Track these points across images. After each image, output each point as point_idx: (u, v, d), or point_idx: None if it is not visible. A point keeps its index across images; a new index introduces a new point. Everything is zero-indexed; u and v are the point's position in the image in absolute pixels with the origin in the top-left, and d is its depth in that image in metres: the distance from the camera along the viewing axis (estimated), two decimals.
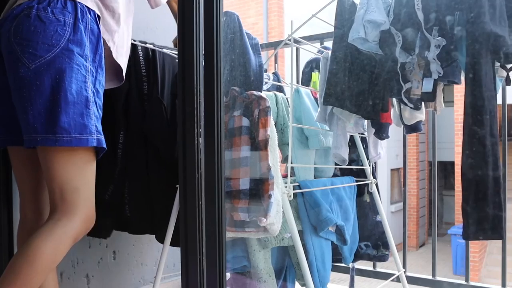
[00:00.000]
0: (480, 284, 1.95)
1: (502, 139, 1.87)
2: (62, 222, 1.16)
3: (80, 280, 1.87)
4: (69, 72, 1.14)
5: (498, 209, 1.31)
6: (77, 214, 1.17)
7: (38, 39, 1.12)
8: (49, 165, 1.17)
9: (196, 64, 1.08)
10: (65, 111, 1.12)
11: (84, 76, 1.17)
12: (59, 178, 1.17)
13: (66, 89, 1.13)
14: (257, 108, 1.47)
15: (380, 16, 1.45)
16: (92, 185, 1.23)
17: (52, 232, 1.14)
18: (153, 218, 1.70)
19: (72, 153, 1.17)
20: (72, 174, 1.17)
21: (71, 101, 1.13)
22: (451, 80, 1.48)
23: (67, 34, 1.15)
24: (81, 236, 1.20)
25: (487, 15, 1.29)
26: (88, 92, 1.17)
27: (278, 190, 1.45)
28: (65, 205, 1.17)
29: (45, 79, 1.12)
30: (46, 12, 1.14)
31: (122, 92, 1.66)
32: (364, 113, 1.59)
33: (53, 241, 1.13)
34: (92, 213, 1.23)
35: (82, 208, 1.18)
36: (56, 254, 1.15)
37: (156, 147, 1.68)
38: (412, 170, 9.69)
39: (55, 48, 1.13)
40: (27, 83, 1.12)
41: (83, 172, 1.20)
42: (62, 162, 1.17)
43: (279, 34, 8.60)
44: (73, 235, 1.17)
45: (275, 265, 1.71)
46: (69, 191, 1.17)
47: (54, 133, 1.12)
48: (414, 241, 9.72)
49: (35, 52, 1.12)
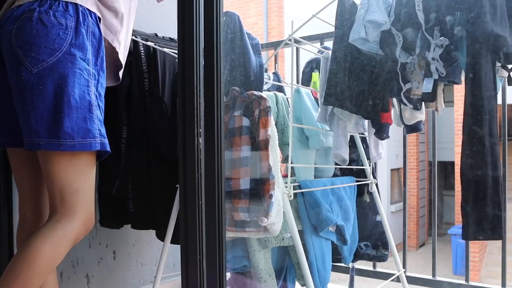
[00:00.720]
0: (480, 284, 1.95)
1: (502, 139, 1.88)
2: (61, 223, 1.16)
3: (80, 280, 1.87)
4: (72, 77, 1.14)
5: (498, 209, 1.31)
6: (76, 216, 1.17)
7: (40, 42, 1.12)
8: (50, 167, 1.17)
9: (196, 64, 1.08)
10: (69, 116, 1.13)
11: (86, 80, 1.17)
12: (60, 181, 1.17)
13: (69, 94, 1.13)
14: (257, 108, 1.47)
15: (380, 17, 1.45)
16: (92, 187, 1.23)
17: (51, 233, 1.14)
18: (154, 215, 1.71)
19: (73, 156, 1.17)
20: (72, 177, 1.18)
21: (74, 106, 1.13)
22: (452, 80, 1.48)
23: (69, 38, 1.15)
24: (81, 237, 1.21)
25: (487, 15, 1.29)
26: (91, 96, 1.17)
27: (279, 190, 1.45)
28: (65, 207, 1.17)
29: (48, 83, 1.12)
30: (48, 15, 1.14)
31: (123, 87, 1.67)
32: (364, 113, 1.59)
33: (52, 242, 1.13)
34: (92, 215, 1.23)
35: (81, 210, 1.18)
36: (56, 256, 1.15)
37: (157, 145, 1.68)
38: (412, 170, 9.69)
39: (57, 52, 1.13)
40: (30, 87, 1.12)
41: (84, 175, 1.20)
42: (63, 165, 1.17)
43: (279, 34, 8.60)
44: (73, 237, 1.17)
45: (275, 265, 1.71)
46: (69, 193, 1.17)
47: (58, 138, 1.12)
48: (414, 241, 9.72)
49: (38, 56, 1.12)
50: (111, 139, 1.22)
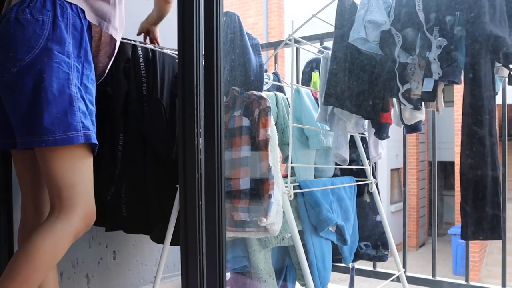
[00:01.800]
0: (480, 284, 1.95)
1: (502, 139, 1.88)
2: (60, 219, 1.16)
3: (80, 280, 1.87)
4: (49, 71, 1.13)
5: (497, 209, 1.31)
6: (75, 211, 1.17)
7: (17, 42, 1.13)
8: (45, 164, 1.17)
9: (196, 64, 1.08)
10: (48, 111, 1.12)
11: (66, 73, 1.16)
12: (55, 176, 1.17)
13: (46, 89, 1.12)
14: (257, 108, 1.47)
15: (380, 17, 1.45)
16: (89, 181, 1.23)
17: (51, 229, 1.15)
18: (148, 218, 1.70)
19: (65, 150, 1.17)
20: (67, 171, 1.18)
21: (52, 100, 1.13)
22: (451, 80, 1.48)
23: (46, 33, 1.15)
24: (82, 232, 1.21)
25: (487, 15, 1.29)
26: (71, 89, 1.16)
27: (279, 190, 1.45)
28: (63, 202, 1.17)
29: (27, 81, 1.12)
30: (25, 13, 1.15)
31: (121, 93, 1.66)
32: (364, 113, 1.59)
33: (52, 238, 1.14)
34: (92, 209, 1.22)
35: (80, 204, 1.18)
36: (56, 251, 1.15)
37: (154, 147, 1.67)
38: (412, 170, 9.69)
39: (34, 49, 1.13)
40: (12, 87, 1.13)
41: (78, 169, 1.20)
42: (57, 160, 1.17)
43: (279, 34, 8.60)
44: (73, 232, 1.17)
45: (275, 265, 1.71)
46: (65, 188, 1.17)
47: (40, 134, 1.12)
48: (414, 241, 9.72)
49: (16, 56, 1.12)
50: (107, 146, 1.20)
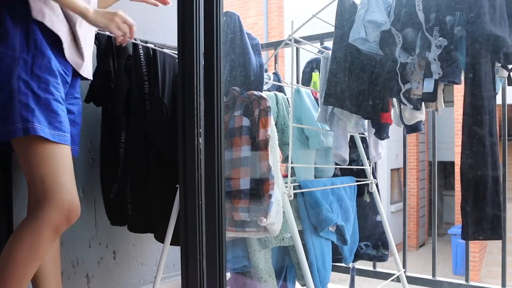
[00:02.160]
0: (480, 284, 1.95)
1: (502, 139, 1.88)
2: (35, 214, 1.17)
3: (80, 280, 1.87)
4: None
5: (498, 209, 1.31)
6: (49, 204, 1.16)
7: None
8: (18, 159, 1.20)
9: (196, 64, 1.08)
10: None
11: (8, 67, 1.16)
12: (25, 170, 1.18)
13: None
14: (257, 108, 1.47)
15: (380, 17, 1.45)
16: (62, 172, 1.20)
17: (28, 224, 1.16)
18: (153, 217, 1.71)
19: (24, 145, 1.18)
20: (33, 165, 1.17)
21: None
22: (452, 80, 1.48)
23: None
24: (62, 226, 1.19)
25: (487, 15, 1.29)
26: (14, 82, 1.16)
27: (279, 190, 1.45)
28: (37, 196, 1.18)
29: None
30: None
31: (122, 91, 1.67)
32: (364, 113, 1.58)
33: (29, 233, 1.14)
34: (70, 202, 1.20)
35: (53, 196, 1.17)
36: (34, 246, 1.15)
37: (157, 146, 1.68)
38: (412, 170, 9.69)
39: None
40: None
41: (45, 160, 1.18)
42: (22, 156, 1.18)
43: (279, 34, 8.60)
44: (48, 225, 1.16)
45: (275, 265, 1.71)
46: (37, 182, 1.17)
47: None
48: (414, 241, 9.72)
49: None
50: (110, 143, 1.19)
